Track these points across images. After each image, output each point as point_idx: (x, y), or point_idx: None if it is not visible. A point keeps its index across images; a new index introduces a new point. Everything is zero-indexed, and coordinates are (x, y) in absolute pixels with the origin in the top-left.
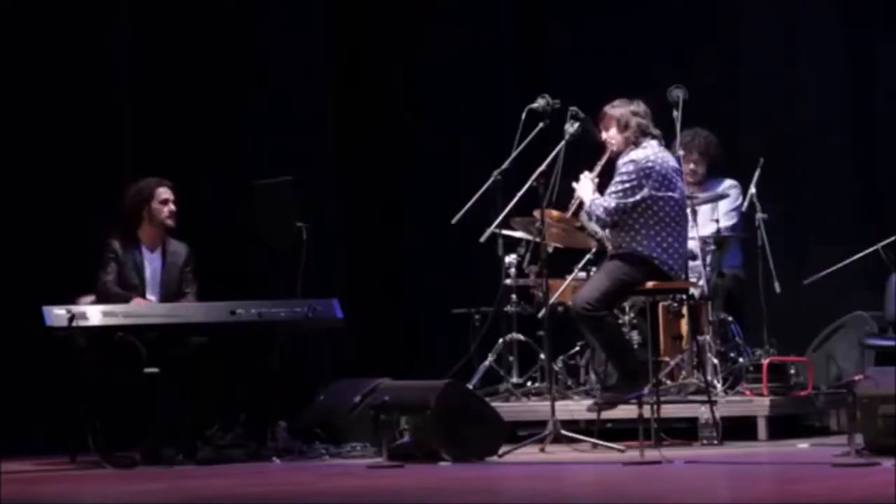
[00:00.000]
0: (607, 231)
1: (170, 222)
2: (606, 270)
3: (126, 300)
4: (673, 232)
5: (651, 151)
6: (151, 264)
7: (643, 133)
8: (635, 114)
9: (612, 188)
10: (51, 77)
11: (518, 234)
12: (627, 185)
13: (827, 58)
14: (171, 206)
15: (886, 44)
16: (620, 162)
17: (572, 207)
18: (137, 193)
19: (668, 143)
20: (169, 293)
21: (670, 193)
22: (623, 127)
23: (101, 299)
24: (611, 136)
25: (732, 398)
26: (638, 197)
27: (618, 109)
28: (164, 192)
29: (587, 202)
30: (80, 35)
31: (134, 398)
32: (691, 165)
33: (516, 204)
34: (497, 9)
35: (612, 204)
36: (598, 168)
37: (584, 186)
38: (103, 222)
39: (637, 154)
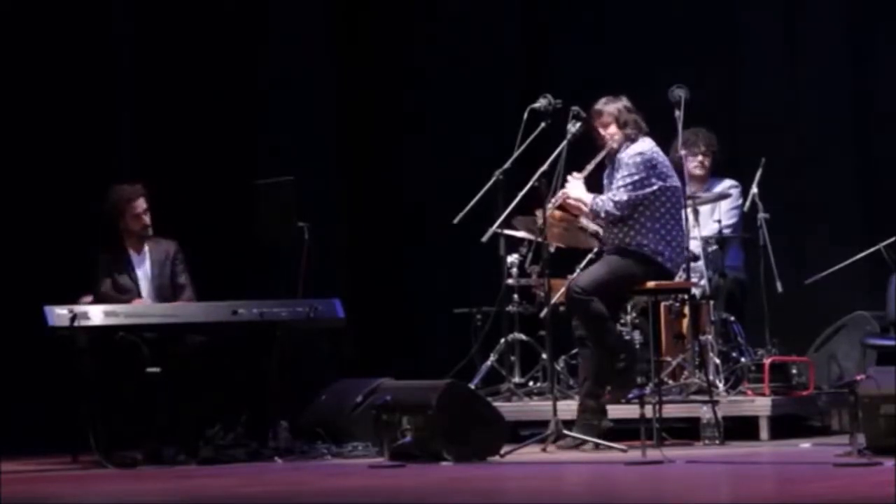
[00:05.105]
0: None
1: (146, 233)
2: (604, 262)
3: (127, 303)
4: (676, 225)
5: (651, 144)
6: (141, 267)
7: (639, 129)
8: (629, 110)
9: (620, 182)
10: (52, 77)
11: (520, 233)
12: (637, 177)
13: (828, 57)
14: (145, 219)
15: (888, 44)
16: (625, 155)
17: (556, 202)
18: (112, 206)
19: (669, 142)
20: (163, 290)
21: (674, 185)
22: (622, 124)
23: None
24: (611, 133)
25: (734, 398)
26: (648, 190)
27: (612, 106)
28: (137, 206)
29: (588, 202)
30: (81, 35)
31: (135, 398)
32: (699, 158)
33: (518, 204)
34: (499, 9)
35: (624, 197)
36: (588, 168)
37: (577, 187)
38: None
39: (642, 146)
